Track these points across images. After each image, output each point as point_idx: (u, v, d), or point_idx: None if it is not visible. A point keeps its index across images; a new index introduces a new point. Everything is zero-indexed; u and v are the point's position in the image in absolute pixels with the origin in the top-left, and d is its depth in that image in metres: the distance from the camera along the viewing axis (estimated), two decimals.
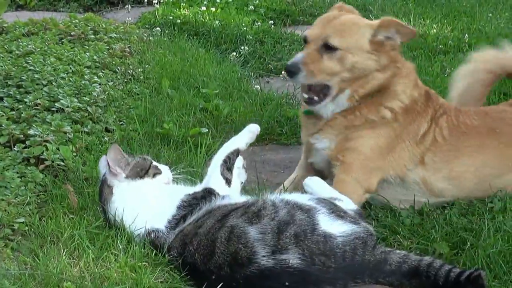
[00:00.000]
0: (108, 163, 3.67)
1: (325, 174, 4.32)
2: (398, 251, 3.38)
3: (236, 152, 3.91)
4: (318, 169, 4.40)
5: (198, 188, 3.78)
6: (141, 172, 3.72)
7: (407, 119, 4.24)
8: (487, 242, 3.61)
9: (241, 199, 3.68)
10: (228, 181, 3.80)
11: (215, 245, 3.29)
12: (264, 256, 3.21)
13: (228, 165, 3.84)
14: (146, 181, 3.72)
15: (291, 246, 3.22)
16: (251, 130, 4.01)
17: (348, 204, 3.64)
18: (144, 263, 3.40)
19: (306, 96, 4.20)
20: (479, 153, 4.34)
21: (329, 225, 3.33)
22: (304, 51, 4.17)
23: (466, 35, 7.80)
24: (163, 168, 3.85)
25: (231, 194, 3.74)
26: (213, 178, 3.80)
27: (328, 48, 4.10)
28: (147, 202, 3.66)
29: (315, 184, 3.82)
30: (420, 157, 4.25)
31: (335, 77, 4.11)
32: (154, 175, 3.76)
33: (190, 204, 3.63)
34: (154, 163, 3.83)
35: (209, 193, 3.68)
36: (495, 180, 4.33)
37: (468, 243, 3.66)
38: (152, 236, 3.53)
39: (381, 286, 3.37)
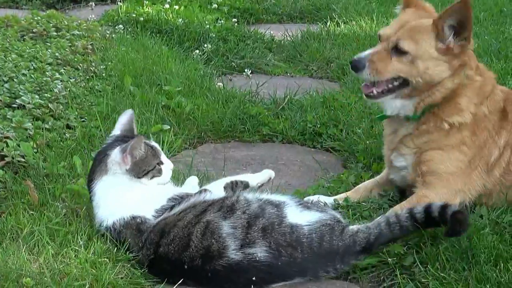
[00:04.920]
0: (128, 148, 3.60)
1: (404, 189, 4.24)
2: (362, 228, 3.48)
3: (245, 184, 4.03)
4: (398, 185, 4.28)
5: (196, 190, 3.87)
6: (141, 172, 3.67)
7: (476, 140, 3.98)
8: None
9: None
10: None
11: (190, 239, 3.35)
12: (234, 249, 3.29)
13: (232, 186, 3.96)
14: (143, 180, 3.69)
15: (259, 239, 3.30)
16: (269, 173, 4.27)
17: None
18: (104, 259, 3.40)
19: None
20: None
21: (295, 216, 3.42)
22: (372, 49, 4.04)
23: None
24: (166, 167, 3.80)
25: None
26: (214, 184, 3.93)
27: (398, 51, 3.92)
28: (134, 196, 3.64)
29: None
30: (489, 191, 4.03)
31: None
32: (152, 177, 3.73)
33: (182, 197, 3.67)
34: (162, 157, 3.80)
35: (204, 191, 3.76)
36: None
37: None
38: (138, 220, 3.53)
39: (342, 282, 3.41)
